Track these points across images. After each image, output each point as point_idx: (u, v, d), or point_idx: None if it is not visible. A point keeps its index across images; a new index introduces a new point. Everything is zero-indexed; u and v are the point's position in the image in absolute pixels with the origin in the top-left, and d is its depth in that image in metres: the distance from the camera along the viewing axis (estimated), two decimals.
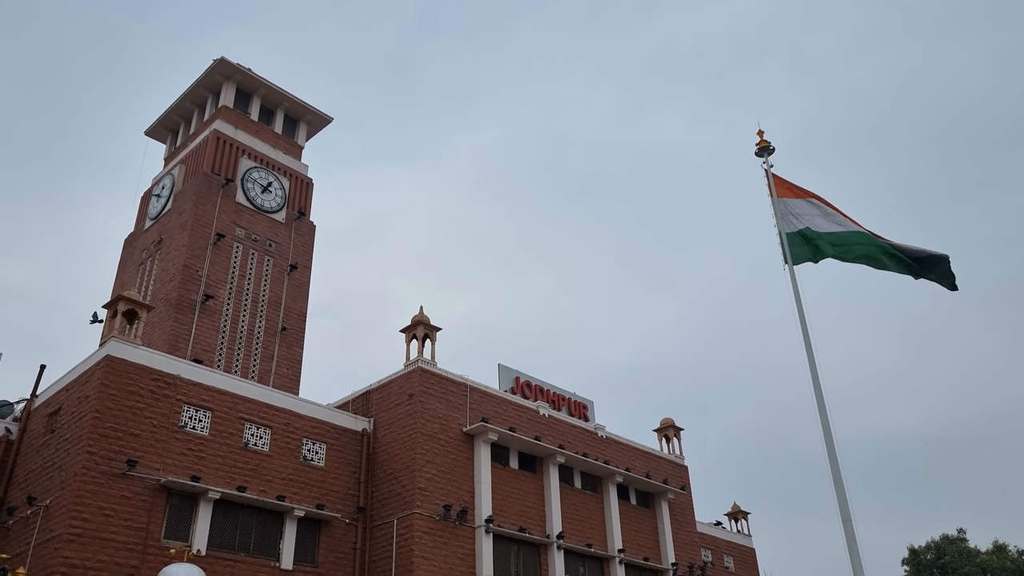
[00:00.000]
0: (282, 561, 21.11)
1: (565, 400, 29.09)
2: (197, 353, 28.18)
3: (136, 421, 19.72)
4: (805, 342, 13.55)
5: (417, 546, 21.52)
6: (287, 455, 22.37)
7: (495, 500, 23.87)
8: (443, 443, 23.60)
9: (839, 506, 10.47)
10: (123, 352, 20.24)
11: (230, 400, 21.76)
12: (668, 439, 32.54)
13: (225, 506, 20.60)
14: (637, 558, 27.53)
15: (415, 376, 24.17)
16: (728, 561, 35.46)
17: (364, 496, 23.46)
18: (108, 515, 18.40)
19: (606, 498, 27.73)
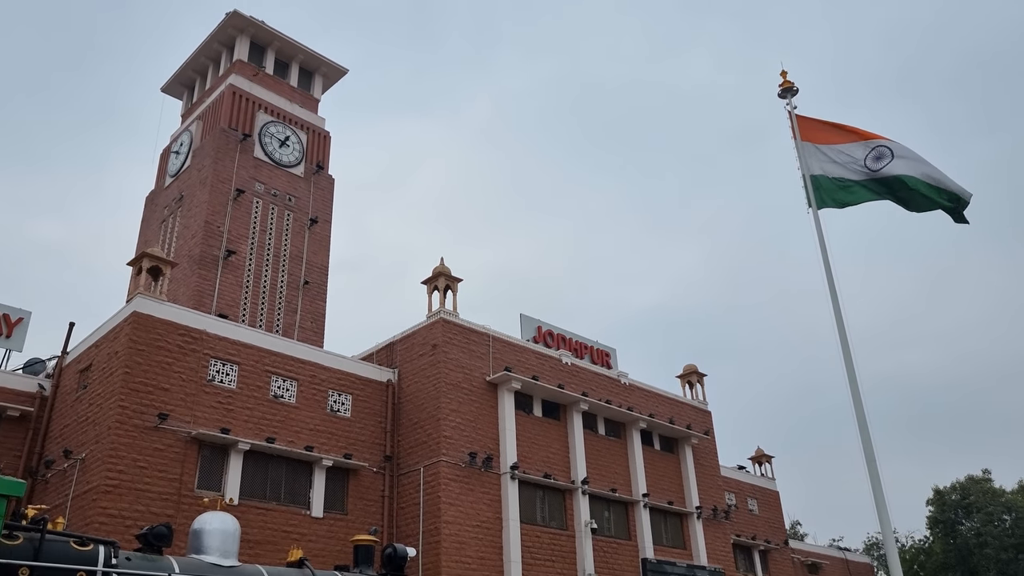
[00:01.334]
0: (312, 509, 21.58)
1: (588, 348, 29.17)
2: (222, 308, 28.50)
3: (165, 375, 20.05)
4: (829, 285, 13.41)
5: (444, 492, 21.88)
6: (314, 406, 22.70)
7: (520, 447, 24.15)
8: (467, 392, 23.82)
9: (863, 448, 10.46)
10: (149, 308, 20.50)
11: (256, 354, 22.04)
12: (691, 385, 32.64)
13: (255, 457, 21.02)
14: (661, 502, 27.85)
15: (438, 327, 24.32)
16: (752, 504, 35.80)
17: (390, 445, 23.82)
18: (142, 467, 18.84)
19: (630, 444, 27.97)
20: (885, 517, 10.06)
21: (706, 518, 29.30)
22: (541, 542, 23.56)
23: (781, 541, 36.25)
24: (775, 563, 35.33)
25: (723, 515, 30.24)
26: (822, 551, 44.59)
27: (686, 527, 28.83)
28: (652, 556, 25.83)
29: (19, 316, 23.26)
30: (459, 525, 21.78)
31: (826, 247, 13.93)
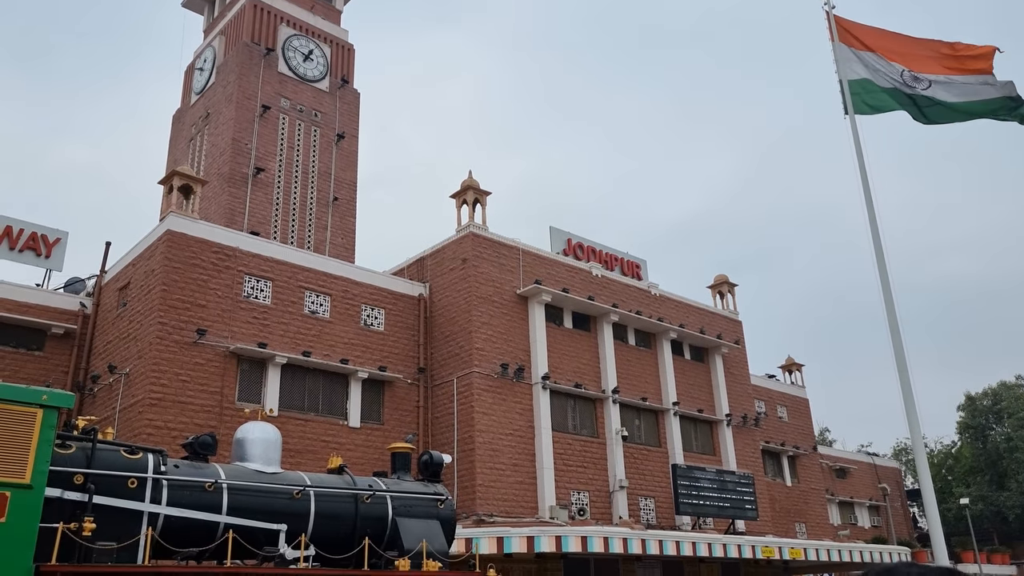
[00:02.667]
0: (349, 420, 22.21)
1: (618, 260, 29.10)
2: (253, 226, 28.75)
3: (202, 292, 20.43)
4: (865, 192, 13.12)
5: (477, 403, 22.35)
6: (347, 321, 23.07)
7: (551, 358, 24.45)
8: (498, 305, 24.01)
9: (894, 352, 10.43)
10: (182, 227, 20.74)
11: (289, 270, 22.32)
12: (722, 295, 32.56)
13: (292, 370, 21.55)
14: (691, 410, 28.21)
15: (467, 241, 24.35)
16: (781, 411, 36.15)
17: (424, 357, 24.24)
18: (184, 381, 19.43)
19: (660, 354, 28.17)
20: (914, 421, 10.10)
21: (736, 425, 29.69)
22: (572, 449, 24.10)
23: (810, 447, 36.72)
24: (803, 468, 35.89)
25: (752, 422, 30.60)
26: (850, 456, 45.18)
27: (716, 434, 29.27)
28: (682, 462, 26.34)
29: (56, 237, 23.68)
30: (492, 433, 22.31)
31: (862, 153, 13.58)
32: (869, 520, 42.77)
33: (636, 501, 25.09)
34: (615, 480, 24.51)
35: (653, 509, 25.55)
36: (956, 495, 52.99)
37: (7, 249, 22.80)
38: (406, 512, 13.55)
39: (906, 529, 45.49)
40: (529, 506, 22.25)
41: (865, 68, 14.72)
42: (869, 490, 43.51)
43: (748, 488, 26.99)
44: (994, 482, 53.38)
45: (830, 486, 40.02)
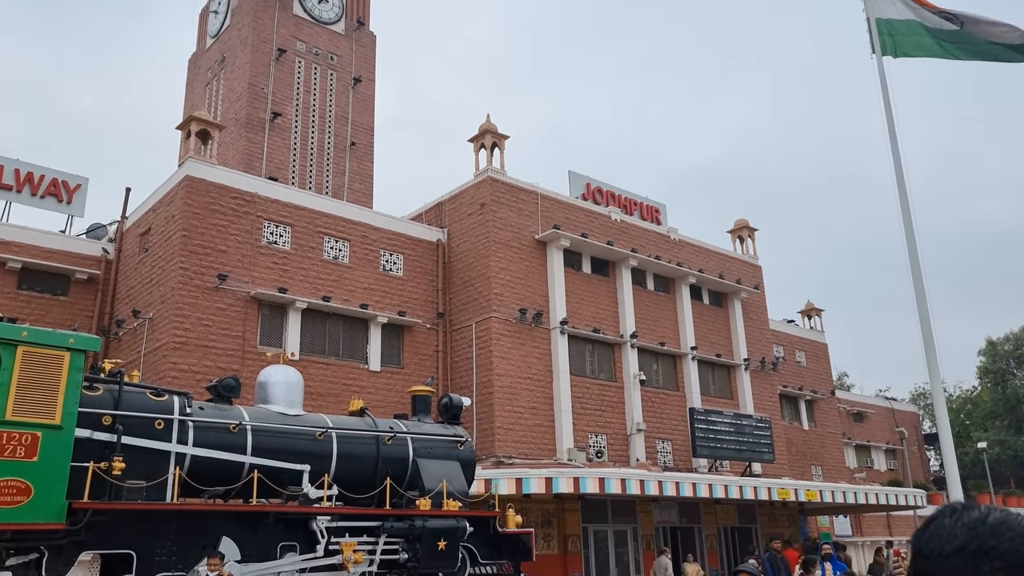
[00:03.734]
0: (370, 363, 22.46)
1: (637, 204, 28.89)
2: (271, 171, 28.73)
3: (222, 238, 20.54)
4: (890, 133, 12.86)
5: (496, 347, 22.50)
6: (366, 266, 23.17)
7: (569, 303, 24.49)
8: (516, 250, 23.98)
9: (915, 293, 10.33)
10: (201, 172, 20.76)
11: (308, 215, 22.35)
12: (742, 240, 32.32)
13: (313, 315, 21.75)
14: (709, 354, 28.27)
15: (485, 185, 24.23)
16: (800, 356, 36.15)
17: (442, 303, 24.36)
18: (207, 325, 19.68)
19: (679, 299, 28.13)
20: (934, 363, 10.07)
21: (753, 370, 29.75)
22: (590, 393, 24.30)
23: (828, 391, 36.80)
24: (821, 412, 36.03)
25: (771, 367, 30.65)
26: (868, 401, 45.26)
27: (733, 378, 29.37)
28: (699, 406, 26.51)
29: (77, 183, 23.80)
30: (511, 377, 22.51)
31: (888, 94, 13.27)
32: (885, 463, 43.04)
33: (653, 444, 25.35)
34: (632, 423, 24.74)
35: (670, 452, 25.83)
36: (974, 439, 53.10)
37: (28, 195, 22.97)
38: (426, 453, 13.78)
39: (922, 472, 45.77)
40: (547, 448, 22.56)
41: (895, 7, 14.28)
42: (886, 434, 43.68)
43: (765, 432, 27.17)
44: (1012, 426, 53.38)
45: (847, 430, 40.21)
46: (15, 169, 22.87)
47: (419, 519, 12.74)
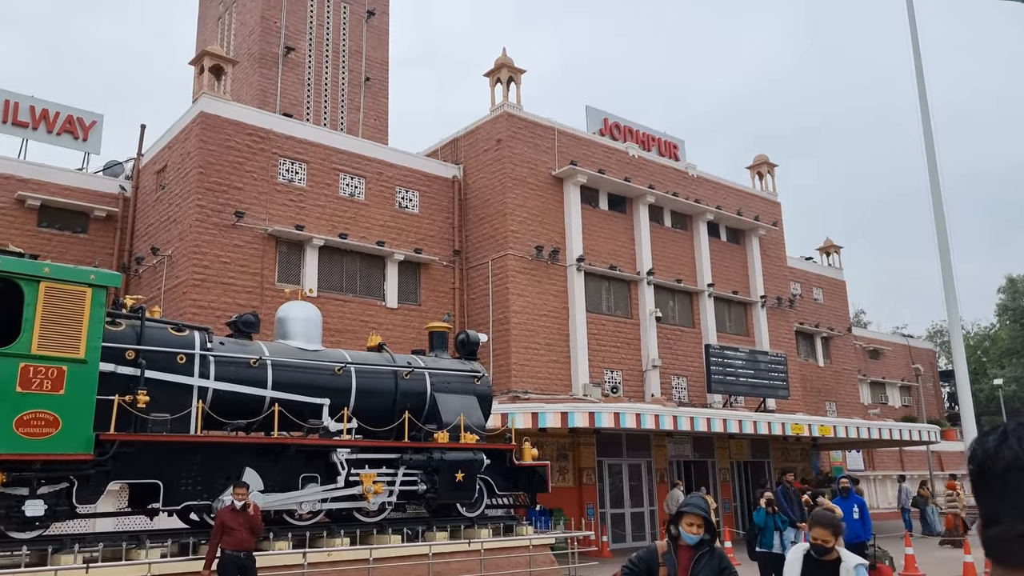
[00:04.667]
0: (387, 300, 22.62)
1: (655, 140, 28.51)
2: (285, 108, 28.50)
3: (238, 175, 20.52)
4: (916, 63, 12.53)
5: (512, 284, 22.56)
6: (382, 203, 23.12)
7: (586, 240, 24.41)
8: (532, 187, 23.83)
9: (936, 232, 10.21)
10: (216, 108, 20.63)
11: (323, 152, 22.24)
12: (761, 176, 31.92)
13: (330, 252, 21.84)
14: (726, 291, 28.22)
15: (501, 121, 23.95)
16: (817, 293, 36.02)
17: (459, 240, 24.35)
18: (225, 262, 19.82)
19: (696, 236, 27.96)
20: (952, 299, 10.00)
21: (770, 307, 29.70)
22: (606, 330, 24.40)
23: (844, 329, 36.76)
24: (837, 349, 36.06)
25: (787, 304, 30.59)
26: (885, 338, 45.21)
27: (750, 315, 29.36)
28: (715, 342, 26.59)
29: (92, 119, 23.75)
30: (527, 314, 22.62)
31: (915, 21, 12.88)
32: (900, 400, 43.21)
33: (668, 380, 25.53)
34: (648, 360, 24.89)
35: (685, 388, 26.03)
36: (990, 376, 53.08)
37: (44, 132, 22.96)
38: (444, 388, 13.97)
39: (937, 409, 45.94)
40: (563, 384, 22.79)
41: None
42: (902, 371, 43.74)
43: (780, 368, 27.27)
44: None
45: (862, 367, 40.28)
46: (30, 106, 22.82)
47: (437, 452, 12.99)
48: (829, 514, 5.14)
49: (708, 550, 4.73)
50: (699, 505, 4.80)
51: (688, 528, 4.73)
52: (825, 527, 4.89)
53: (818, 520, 4.97)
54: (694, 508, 4.76)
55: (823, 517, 5.01)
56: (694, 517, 4.75)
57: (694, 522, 4.74)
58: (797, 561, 4.96)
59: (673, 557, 4.74)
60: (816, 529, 4.91)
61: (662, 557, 4.75)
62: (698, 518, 4.74)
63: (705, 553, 4.72)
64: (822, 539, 4.87)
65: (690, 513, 4.77)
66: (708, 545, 4.73)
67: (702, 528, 4.74)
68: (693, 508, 4.77)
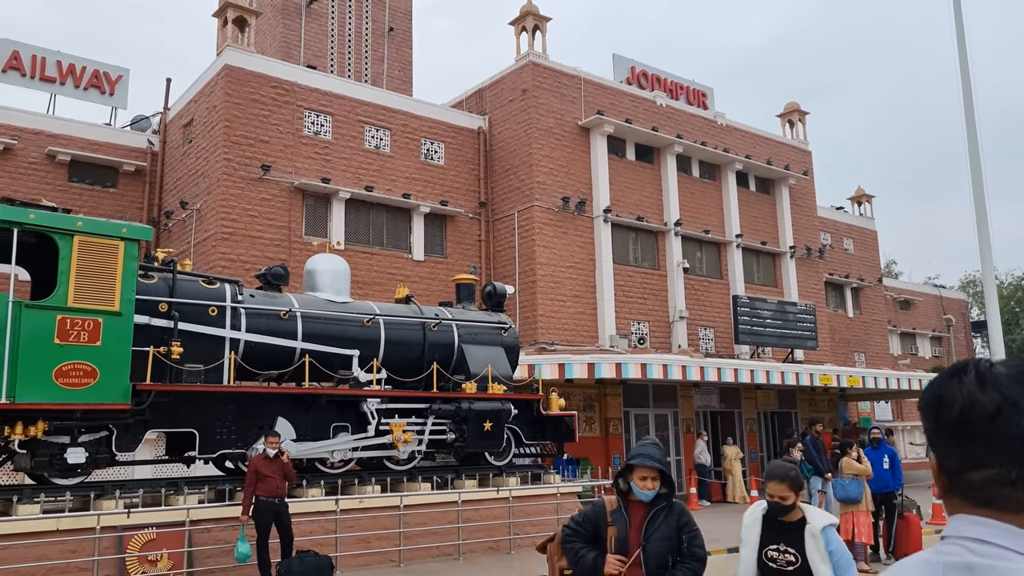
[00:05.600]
0: (413, 253, 22.69)
1: (683, 88, 28.01)
2: (309, 59, 28.32)
3: (263, 128, 20.53)
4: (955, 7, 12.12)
5: (538, 236, 22.50)
6: (408, 155, 23.05)
7: (612, 191, 24.21)
8: (559, 137, 23.59)
9: (971, 179, 9.98)
10: (240, 61, 20.55)
11: (348, 104, 22.14)
12: (792, 124, 31.31)
13: (356, 204, 21.88)
14: (754, 242, 27.94)
15: (527, 71, 23.64)
16: (847, 243, 35.55)
17: (484, 192, 24.26)
18: (253, 216, 19.95)
19: (724, 186, 27.61)
20: (986, 248, 9.83)
21: (799, 257, 29.39)
22: (633, 281, 24.33)
23: (875, 279, 36.32)
24: (867, 300, 35.69)
25: (817, 254, 30.25)
26: (916, 288, 44.64)
27: (778, 266, 29.09)
28: (743, 293, 26.42)
29: (119, 74, 23.78)
30: (553, 266, 22.59)
31: None
32: (931, 350, 42.82)
33: (695, 331, 25.48)
34: (675, 311, 24.83)
35: (712, 339, 25.97)
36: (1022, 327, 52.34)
37: (72, 87, 23.05)
38: (471, 339, 14.07)
39: None
40: (589, 335, 22.83)
41: None
42: (933, 321, 43.25)
43: (809, 319, 27.09)
44: None
45: (892, 317, 39.88)
46: (57, 61, 22.88)
47: (465, 401, 13.13)
48: (786, 465, 4.35)
49: (665, 505, 4.10)
50: (652, 455, 4.07)
51: (640, 483, 4.06)
52: (780, 480, 4.16)
53: (773, 473, 4.24)
54: (645, 460, 4.04)
55: (778, 469, 4.27)
56: (646, 470, 4.06)
57: (647, 475, 4.05)
58: (756, 523, 4.22)
59: (624, 515, 4.10)
60: (771, 484, 4.19)
61: (611, 515, 4.11)
62: (651, 471, 4.06)
63: (662, 509, 4.09)
64: (779, 495, 4.15)
65: (642, 466, 4.06)
66: (665, 500, 4.11)
67: (657, 482, 4.07)
68: (644, 460, 4.04)
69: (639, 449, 4.14)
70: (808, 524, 4.08)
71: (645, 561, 3.94)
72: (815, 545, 4.00)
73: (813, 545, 4.00)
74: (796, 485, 4.19)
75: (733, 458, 21.87)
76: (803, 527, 4.08)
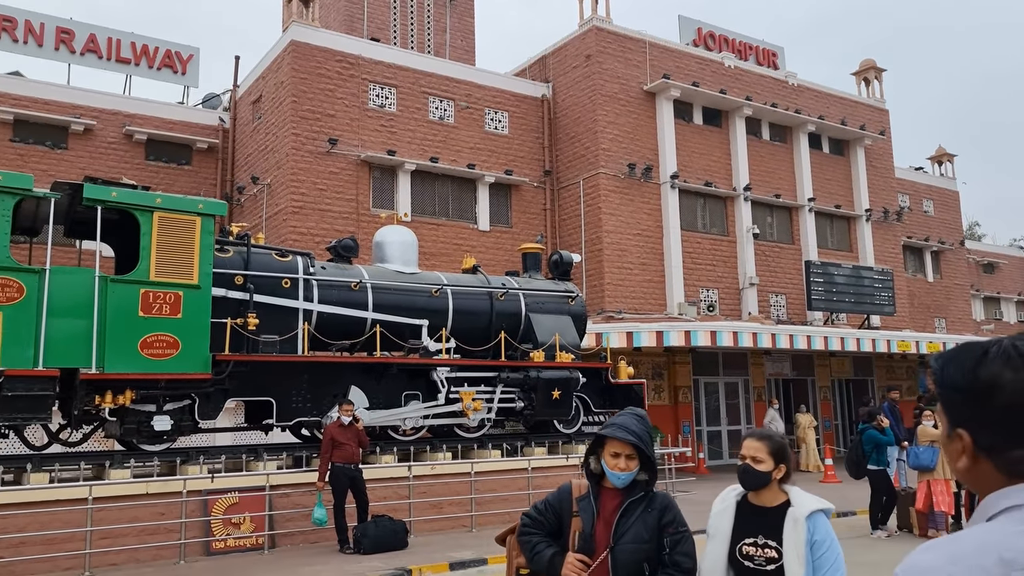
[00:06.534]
0: (479, 223, 22.75)
1: (752, 49, 27.19)
2: (372, 32, 28.46)
3: (330, 102, 20.77)
4: None
5: (604, 203, 22.29)
6: (471, 125, 23.04)
7: (679, 156, 23.77)
8: (624, 103, 23.23)
9: None
10: (306, 36, 20.79)
11: (412, 76, 22.20)
12: (867, 82, 30.14)
13: (421, 176, 22.02)
14: (828, 206, 27.13)
15: (590, 36, 23.28)
16: (927, 205, 34.22)
17: (549, 160, 24.12)
18: (321, 189, 20.28)
19: (796, 148, 26.82)
20: None
21: (876, 221, 28.44)
22: (702, 248, 23.94)
23: (956, 242, 34.91)
24: (948, 264, 34.37)
25: (895, 217, 29.22)
26: (1001, 251, 42.79)
27: (853, 230, 28.22)
28: (816, 259, 25.74)
29: (189, 53, 24.33)
30: (620, 234, 22.38)
31: None
32: (1016, 315, 41.08)
33: (766, 298, 24.98)
34: (745, 277, 24.36)
35: (784, 305, 25.42)
36: None
37: (146, 68, 23.70)
38: (538, 308, 14.08)
39: None
40: (657, 303, 22.61)
41: None
42: (1019, 285, 41.42)
43: (886, 284, 26.27)
44: None
45: (975, 281, 38.33)
46: (131, 42, 23.53)
47: (533, 370, 13.19)
48: (770, 429, 3.62)
49: (642, 495, 3.15)
50: (627, 427, 3.13)
51: (612, 461, 3.12)
52: (758, 439, 3.31)
53: (750, 432, 3.43)
54: (618, 430, 3.11)
55: (758, 429, 3.48)
56: (620, 445, 3.11)
57: (621, 452, 3.11)
58: (727, 510, 3.33)
59: (592, 504, 3.19)
60: (745, 442, 3.34)
61: (577, 503, 3.22)
62: (626, 446, 3.10)
63: (639, 500, 3.14)
64: (751, 455, 3.26)
65: (613, 438, 3.12)
66: (644, 488, 3.17)
67: (634, 461, 3.12)
68: (617, 430, 3.11)
69: (614, 419, 3.23)
70: (791, 507, 3.20)
71: (613, 568, 3.06)
72: (794, 536, 3.13)
73: (792, 536, 3.14)
74: (778, 451, 3.27)
75: (807, 426, 21.47)
76: (784, 512, 3.20)
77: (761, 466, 3.24)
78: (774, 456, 3.25)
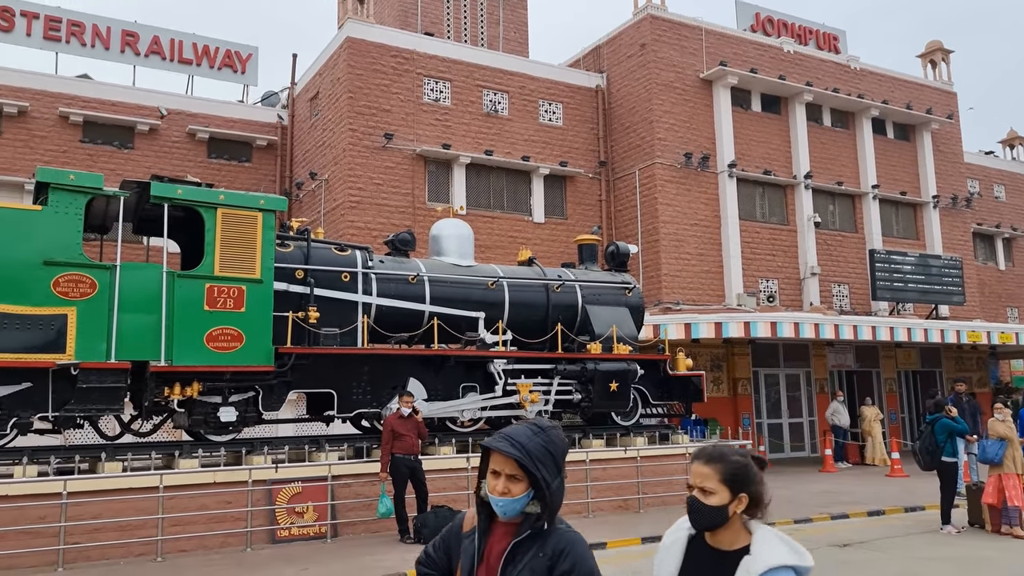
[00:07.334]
0: (534, 215, 22.72)
1: (812, 33, 26.54)
2: (426, 26, 28.63)
3: (385, 97, 20.96)
4: None
5: (661, 194, 22.05)
6: (526, 117, 23.00)
7: (737, 145, 23.36)
8: (680, 92, 22.92)
9: None
10: (361, 32, 21.01)
11: (466, 69, 22.26)
12: (934, 64, 29.16)
13: (476, 169, 22.08)
14: (893, 192, 26.36)
15: (645, 24, 23.01)
16: (999, 191, 33.00)
17: (604, 151, 23.94)
18: (378, 184, 20.50)
19: (859, 134, 26.10)
20: None
21: (943, 207, 27.53)
22: (761, 237, 23.50)
23: None
24: (1020, 251, 33.10)
25: (964, 204, 28.24)
26: None
27: (920, 217, 27.37)
28: (880, 247, 25.05)
29: (248, 52, 24.82)
30: (677, 224, 22.11)
31: None
32: None
33: (828, 288, 24.42)
34: (806, 267, 23.84)
35: (847, 295, 24.82)
36: None
37: (207, 68, 24.25)
38: (595, 300, 14.00)
39: None
40: (716, 294, 22.29)
41: None
42: None
43: (954, 272, 25.43)
44: None
45: None
46: (192, 43, 24.10)
47: (591, 362, 13.13)
48: (724, 448, 2.52)
49: (531, 534, 2.32)
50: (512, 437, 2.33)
51: (492, 482, 2.34)
52: (706, 462, 2.47)
53: (698, 452, 2.54)
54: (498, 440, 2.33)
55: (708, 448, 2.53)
56: (501, 459, 2.31)
57: (501, 470, 2.31)
58: (675, 544, 2.54)
59: (475, 541, 2.41)
60: (693, 466, 2.51)
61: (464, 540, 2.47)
62: (508, 462, 2.30)
63: (525, 541, 2.32)
64: (699, 484, 2.44)
65: (496, 450, 2.32)
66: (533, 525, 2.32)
67: (519, 485, 2.30)
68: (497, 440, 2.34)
69: (503, 429, 2.43)
70: (747, 557, 2.36)
71: None
72: None
73: None
74: (734, 476, 2.42)
75: (872, 419, 20.94)
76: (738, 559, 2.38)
77: (712, 499, 2.41)
78: (729, 483, 2.41)
